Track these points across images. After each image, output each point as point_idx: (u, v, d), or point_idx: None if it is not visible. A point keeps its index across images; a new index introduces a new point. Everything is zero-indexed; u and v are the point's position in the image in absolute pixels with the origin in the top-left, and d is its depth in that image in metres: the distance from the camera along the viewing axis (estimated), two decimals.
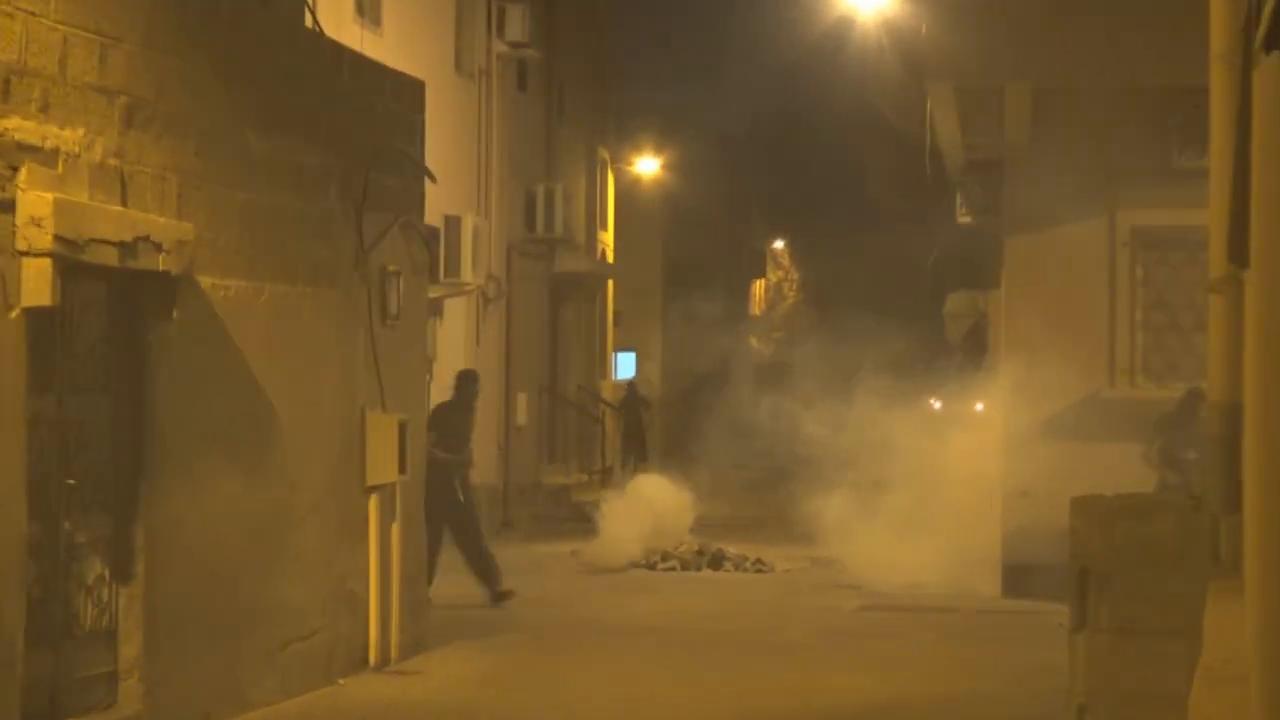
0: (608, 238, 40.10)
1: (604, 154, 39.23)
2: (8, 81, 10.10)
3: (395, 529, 14.84)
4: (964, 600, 19.76)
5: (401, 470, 14.77)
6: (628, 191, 44.31)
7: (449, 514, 18.20)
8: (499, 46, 29.40)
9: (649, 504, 23.76)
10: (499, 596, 18.49)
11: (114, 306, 11.32)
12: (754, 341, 62.97)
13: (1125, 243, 19.90)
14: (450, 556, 18.51)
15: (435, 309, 24.57)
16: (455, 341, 26.82)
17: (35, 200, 10.15)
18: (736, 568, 23.20)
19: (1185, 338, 19.83)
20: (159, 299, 11.40)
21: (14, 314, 10.11)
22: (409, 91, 15.58)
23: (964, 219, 25.04)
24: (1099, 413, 19.67)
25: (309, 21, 15.86)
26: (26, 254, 10.12)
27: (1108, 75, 19.31)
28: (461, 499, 18.49)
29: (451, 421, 18.43)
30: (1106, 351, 19.82)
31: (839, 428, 26.12)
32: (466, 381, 19.04)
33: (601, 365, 38.86)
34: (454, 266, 24.98)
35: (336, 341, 14.04)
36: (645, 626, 17.43)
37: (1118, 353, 19.82)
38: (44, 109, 10.41)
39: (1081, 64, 19.17)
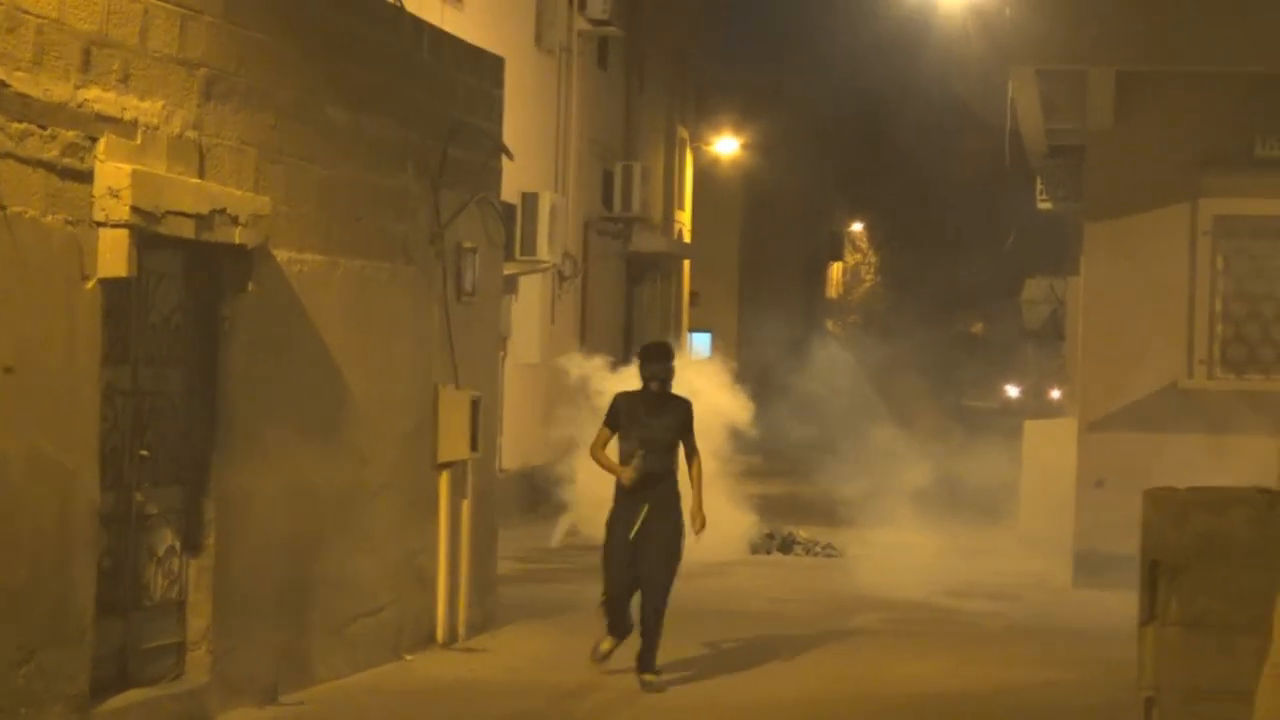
0: (685, 217, 40.06)
1: (683, 133, 39.18)
2: (88, 52, 10.14)
3: (466, 506, 14.85)
4: (1035, 589, 19.66)
5: (473, 447, 14.78)
6: (706, 171, 44.25)
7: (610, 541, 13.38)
8: (580, 23, 29.41)
9: None
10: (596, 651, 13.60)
11: (190, 278, 11.35)
12: (830, 324, 62.88)
13: (1207, 231, 19.74)
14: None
15: (511, 286, 24.59)
16: (530, 319, 26.84)
17: (113, 171, 10.19)
18: (807, 552, 23.15)
19: (1265, 329, 19.67)
20: (235, 272, 11.42)
21: (90, 284, 10.15)
22: (489, 67, 15.57)
23: (1044, 204, 24.95)
24: (1176, 403, 19.53)
25: None
26: (104, 225, 10.16)
27: (1192, 60, 19.16)
28: (629, 530, 13.19)
29: (622, 414, 13.36)
30: (1185, 341, 19.67)
31: (912, 414, 25.99)
32: (641, 360, 13.59)
33: (677, 345, 38.83)
34: (530, 244, 24.99)
35: (411, 317, 14.05)
36: (713, 609, 17.40)
37: (1197, 343, 19.66)
38: (124, 80, 10.44)
39: (1165, 48, 19.03)
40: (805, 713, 12.48)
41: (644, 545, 13.13)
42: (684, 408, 13.40)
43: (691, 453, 13.40)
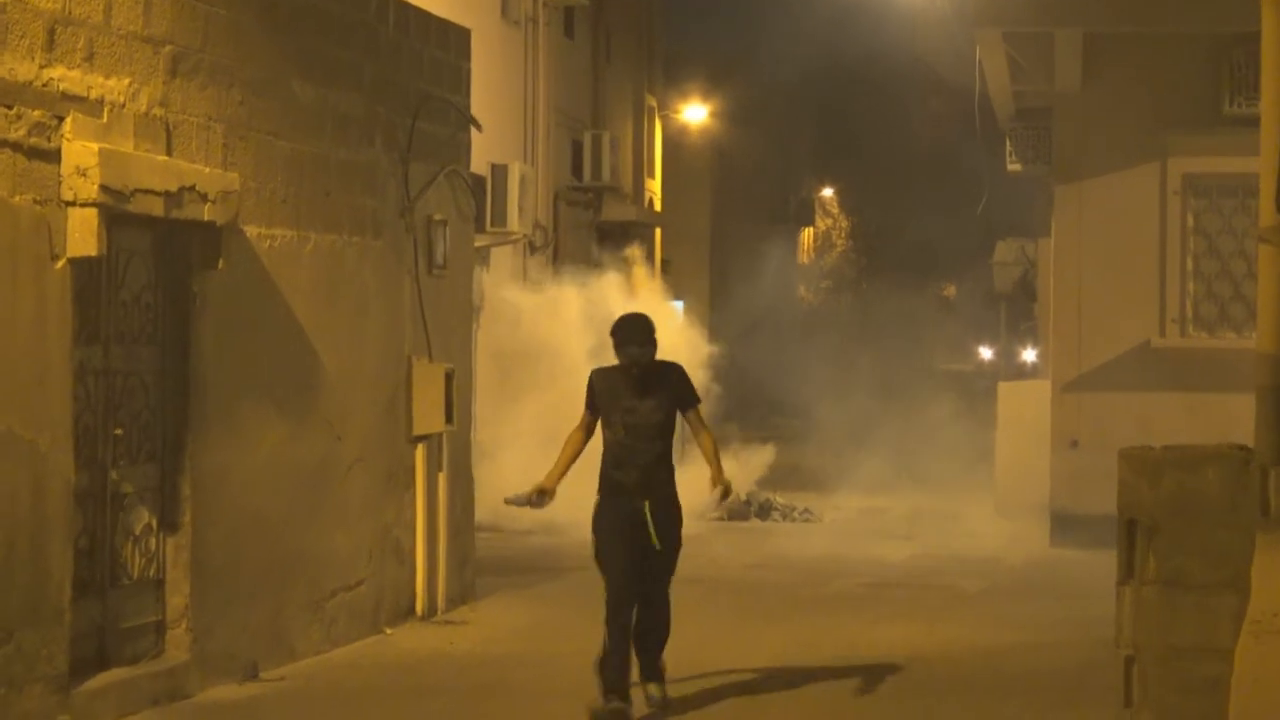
0: (655, 186, 40.01)
1: (651, 101, 39.11)
2: (53, 31, 10.09)
3: (442, 479, 14.83)
4: (1011, 551, 19.72)
5: (448, 420, 14.75)
6: (675, 139, 44.20)
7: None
8: None
9: None
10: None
11: (160, 256, 11.32)
12: (802, 290, 62.92)
13: (1176, 190, 19.78)
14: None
15: (482, 258, 24.53)
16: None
17: (80, 150, 10.15)
18: (784, 517, 23.20)
19: (1236, 286, 19.73)
20: (204, 249, 11.39)
21: (60, 264, 10.11)
22: (455, 39, 15.53)
23: (1013, 167, 24.95)
24: (1149, 362, 19.60)
25: None
26: (72, 204, 10.13)
27: (1159, 20, 19.19)
28: (633, 536, 11.26)
29: (600, 395, 11.32)
30: (1157, 300, 19.73)
31: (885, 378, 26.01)
32: (615, 339, 11.33)
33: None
34: (500, 215, 24.93)
35: (382, 291, 14.03)
36: (690, 576, 17.29)
37: (1168, 302, 19.73)
38: (89, 58, 10.39)
39: (1132, 9, 19.05)
40: (787, 676, 12.50)
41: (648, 551, 11.26)
42: (672, 377, 11.29)
43: (698, 427, 11.34)
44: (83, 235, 10.12)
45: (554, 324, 21.93)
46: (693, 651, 13.43)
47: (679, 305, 44.52)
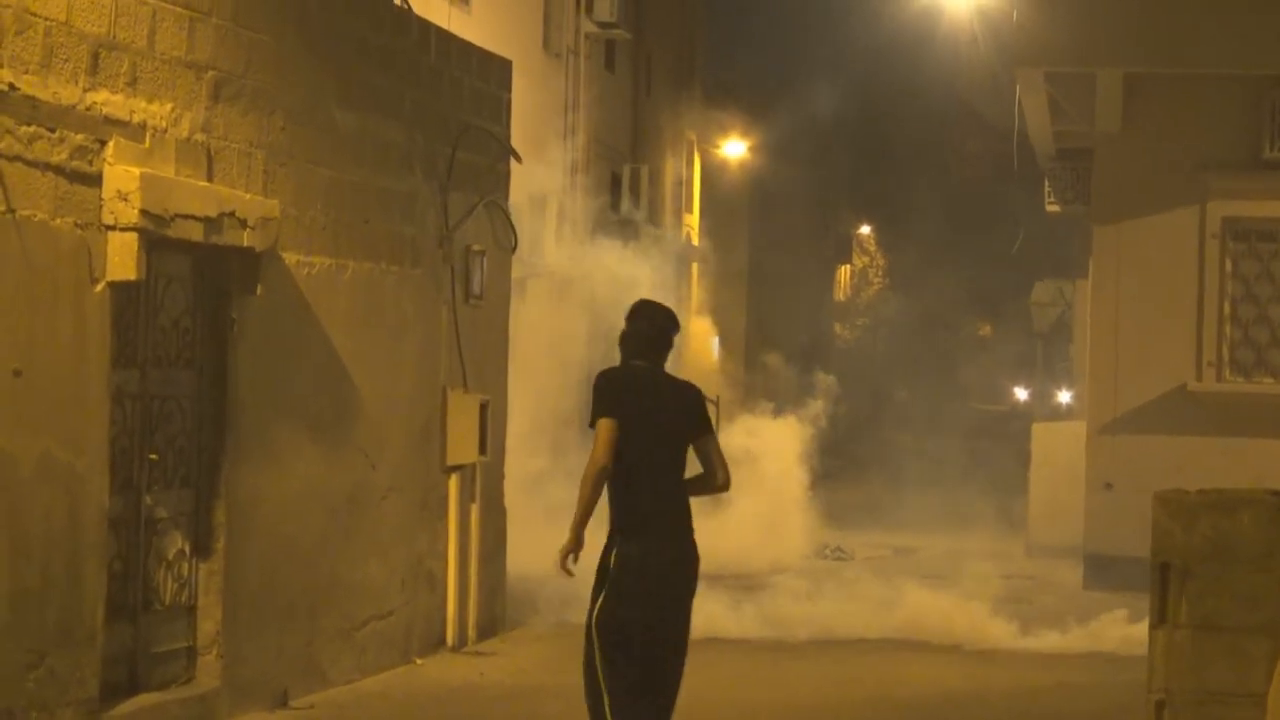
0: (693, 220, 40.04)
1: (691, 136, 39.17)
2: (96, 55, 10.14)
3: (474, 509, 14.84)
4: (1044, 592, 19.65)
5: (482, 451, 14.77)
6: (714, 174, 44.23)
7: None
8: (587, 26, 29.40)
9: None
10: None
11: (198, 281, 11.35)
12: (838, 327, 62.88)
13: (1215, 234, 19.74)
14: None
15: (519, 289, 24.56)
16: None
17: (122, 174, 10.18)
18: (817, 555, 23.13)
19: (1273, 332, 19.67)
20: (243, 274, 11.43)
21: (99, 288, 10.15)
22: (496, 70, 15.58)
23: (1052, 207, 24.96)
24: (1185, 406, 19.55)
25: None
26: (112, 228, 10.16)
27: (1200, 62, 19.17)
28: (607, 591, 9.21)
29: (601, 400, 9.11)
30: (1194, 344, 19.68)
31: (920, 416, 25.99)
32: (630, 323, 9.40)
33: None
34: (538, 247, 24.99)
35: (419, 320, 14.05)
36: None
37: (1205, 346, 19.68)
38: (132, 83, 10.44)
39: (1173, 51, 19.03)
40: (818, 715, 12.47)
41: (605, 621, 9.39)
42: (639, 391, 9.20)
43: None
44: (122, 259, 10.16)
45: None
46: (728, 686, 13.40)
47: (715, 342, 44.54)
